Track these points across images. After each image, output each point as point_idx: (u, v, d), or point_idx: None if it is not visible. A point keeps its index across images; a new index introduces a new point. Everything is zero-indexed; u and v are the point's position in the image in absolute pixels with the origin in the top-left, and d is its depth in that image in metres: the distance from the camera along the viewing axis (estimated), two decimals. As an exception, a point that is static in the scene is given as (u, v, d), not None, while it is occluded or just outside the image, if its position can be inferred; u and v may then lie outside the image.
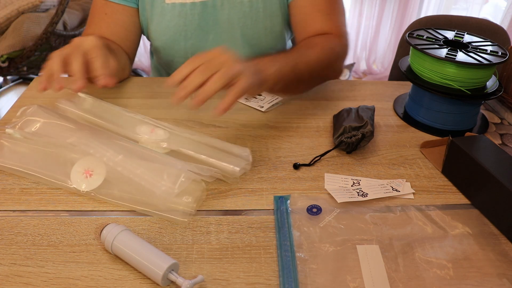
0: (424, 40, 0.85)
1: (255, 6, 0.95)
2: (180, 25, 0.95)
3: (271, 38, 1.01)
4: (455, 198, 0.68)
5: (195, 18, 0.95)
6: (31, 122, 0.72)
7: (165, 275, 0.50)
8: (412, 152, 0.78)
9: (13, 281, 0.51)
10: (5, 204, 0.62)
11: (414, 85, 0.86)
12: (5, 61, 1.76)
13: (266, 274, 0.53)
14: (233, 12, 0.95)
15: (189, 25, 0.95)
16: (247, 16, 0.96)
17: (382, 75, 2.95)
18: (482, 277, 0.54)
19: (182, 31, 0.96)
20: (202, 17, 0.95)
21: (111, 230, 0.54)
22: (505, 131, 0.87)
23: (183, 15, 0.94)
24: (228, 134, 0.80)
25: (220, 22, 0.96)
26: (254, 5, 0.95)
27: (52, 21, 1.76)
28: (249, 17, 0.96)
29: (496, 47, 0.85)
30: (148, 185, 0.62)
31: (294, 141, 0.79)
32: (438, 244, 0.58)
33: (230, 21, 0.96)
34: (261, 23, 0.97)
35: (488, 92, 0.81)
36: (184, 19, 0.95)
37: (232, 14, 0.95)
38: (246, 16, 0.96)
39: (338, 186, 0.68)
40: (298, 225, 0.60)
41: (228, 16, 0.96)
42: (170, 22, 0.95)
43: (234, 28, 0.97)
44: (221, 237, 0.58)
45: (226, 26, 0.97)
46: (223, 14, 0.95)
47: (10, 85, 2.60)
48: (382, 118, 0.88)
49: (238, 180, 0.68)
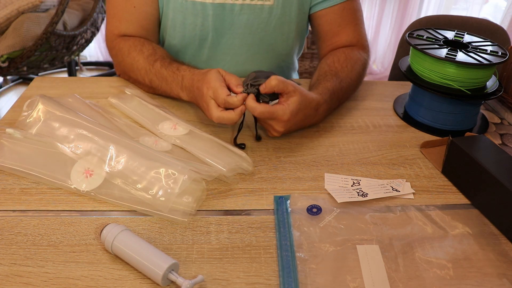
0: (424, 40, 0.85)
1: (275, 12, 0.95)
2: (197, 24, 0.94)
3: (286, 44, 1.02)
4: (455, 198, 0.68)
5: (212, 19, 0.94)
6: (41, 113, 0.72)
7: (165, 275, 0.50)
8: (412, 152, 0.78)
9: (13, 281, 0.51)
10: (5, 204, 0.62)
11: (414, 85, 0.86)
12: (5, 61, 1.76)
13: (266, 274, 0.53)
14: (253, 17, 0.95)
15: (205, 25, 0.95)
16: (267, 21, 0.96)
17: (382, 75, 2.95)
18: (482, 277, 0.54)
19: (198, 30, 0.95)
20: (219, 19, 0.94)
21: (111, 230, 0.54)
22: (505, 131, 0.87)
23: (201, 15, 0.93)
24: (228, 134, 0.80)
25: (236, 26, 0.96)
26: (274, 11, 0.95)
27: (52, 21, 1.76)
28: (269, 23, 0.96)
29: (496, 47, 0.85)
30: (149, 184, 0.62)
31: (294, 141, 0.79)
32: (438, 244, 0.58)
33: (249, 26, 0.96)
34: (279, 29, 0.98)
35: (488, 92, 0.81)
36: (201, 18, 0.94)
37: (251, 19, 0.95)
38: (266, 21, 0.96)
39: (338, 186, 0.68)
40: (298, 225, 0.60)
41: (247, 21, 0.95)
42: (187, 20, 0.94)
43: (252, 32, 0.97)
44: (221, 237, 0.58)
45: (243, 31, 0.96)
46: (242, 18, 0.95)
47: (10, 85, 2.60)
48: (382, 118, 0.88)
49: (238, 180, 0.68)
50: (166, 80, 0.85)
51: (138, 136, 0.75)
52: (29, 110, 0.73)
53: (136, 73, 0.90)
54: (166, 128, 0.77)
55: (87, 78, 1.05)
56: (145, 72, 0.88)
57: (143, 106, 0.84)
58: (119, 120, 0.79)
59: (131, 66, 0.90)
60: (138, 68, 0.89)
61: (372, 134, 0.83)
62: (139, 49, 0.90)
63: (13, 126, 0.72)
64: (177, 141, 0.74)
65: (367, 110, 0.91)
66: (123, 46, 0.91)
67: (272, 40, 0.99)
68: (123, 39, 0.93)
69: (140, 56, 0.89)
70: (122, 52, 0.91)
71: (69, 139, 0.68)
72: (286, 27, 0.98)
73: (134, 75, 0.91)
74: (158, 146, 0.73)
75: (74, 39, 1.99)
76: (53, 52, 1.91)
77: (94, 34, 2.16)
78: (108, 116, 0.79)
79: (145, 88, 0.91)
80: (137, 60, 0.89)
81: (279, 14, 0.95)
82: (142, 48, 0.90)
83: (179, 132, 0.76)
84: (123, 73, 0.95)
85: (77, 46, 2.07)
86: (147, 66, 0.87)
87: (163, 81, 0.86)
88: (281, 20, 0.97)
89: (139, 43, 0.91)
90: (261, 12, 0.94)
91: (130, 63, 0.90)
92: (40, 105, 0.73)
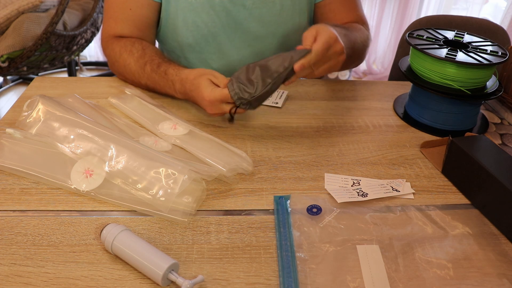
0: (424, 40, 0.85)
1: (286, 4, 0.96)
2: (209, 22, 0.95)
3: (298, 35, 1.01)
4: (455, 198, 0.68)
5: (224, 15, 0.94)
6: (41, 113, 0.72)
7: (165, 275, 0.50)
8: (412, 152, 0.78)
9: (13, 281, 0.51)
10: (5, 204, 0.62)
11: (414, 85, 0.86)
12: (5, 61, 1.76)
13: (266, 274, 0.53)
14: (265, 11, 0.96)
15: (217, 22, 0.95)
16: (279, 14, 0.97)
17: (382, 75, 2.95)
18: (482, 277, 0.54)
19: (211, 28, 0.96)
20: (231, 15, 0.95)
21: (111, 230, 0.54)
22: (505, 131, 0.87)
23: (212, 12, 0.94)
24: (228, 134, 0.80)
25: (249, 21, 0.96)
26: (285, 3, 0.96)
27: (52, 21, 1.76)
28: (281, 15, 0.97)
29: (496, 47, 0.85)
30: (149, 184, 0.62)
31: (294, 141, 0.79)
32: (438, 244, 0.58)
33: (261, 20, 0.97)
34: (290, 20, 0.99)
35: (488, 92, 0.81)
36: (213, 16, 0.94)
37: (264, 12, 0.96)
38: (278, 14, 0.97)
39: (338, 186, 0.68)
40: (298, 225, 0.60)
41: (260, 15, 0.96)
42: (198, 18, 0.94)
43: (265, 26, 0.98)
44: (221, 237, 0.58)
45: (256, 25, 0.97)
46: (254, 13, 0.95)
47: (10, 85, 2.60)
48: (382, 118, 0.88)
49: (238, 180, 0.68)
50: (159, 84, 0.87)
51: (138, 136, 0.75)
52: (29, 110, 0.73)
53: (131, 76, 0.91)
54: (166, 128, 0.77)
55: (87, 78, 1.04)
56: (139, 76, 0.89)
57: (143, 106, 0.84)
58: (119, 120, 0.79)
59: (124, 68, 0.91)
60: (131, 71, 0.90)
61: (372, 134, 0.83)
62: (129, 50, 0.90)
63: (13, 126, 0.72)
64: (177, 141, 0.74)
65: (367, 110, 0.91)
66: (115, 46, 0.92)
67: (285, 31, 1.00)
68: (116, 40, 0.93)
69: (131, 59, 0.89)
70: (114, 53, 0.92)
71: (69, 139, 0.68)
72: (297, 18, 0.99)
73: (129, 77, 0.92)
74: (158, 146, 0.73)
75: (74, 39, 1.99)
76: (53, 52, 1.91)
77: (94, 34, 2.16)
78: (108, 116, 0.79)
79: (144, 89, 0.92)
80: (128, 63, 0.90)
81: (290, 5, 0.96)
82: (132, 48, 0.90)
83: (179, 132, 0.76)
84: (118, 74, 0.96)
85: (77, 46, 2.07)
86: (139, 70, 0.88)
87: (157, 85, 0.88)
88: (293, 11, 0.98)
89: (129, 43, 0.91)
90: (273, 6, 0.95)
91: (123, 65, 0.91)
92: (40, 105, 0.73)
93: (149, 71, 0.87)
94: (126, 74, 0.92)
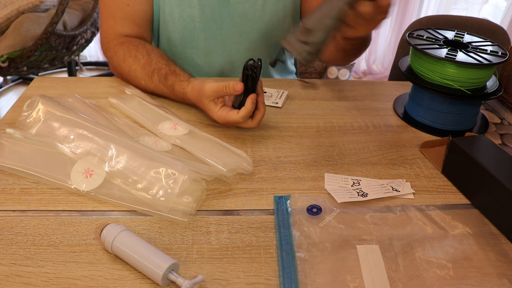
0: (424, 40, 0.85)
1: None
2: (195, 16, 0.95)
3: (283, 29, 1.03)
4: (455, 198, 0.68)
5: (209, 10, 0.95)
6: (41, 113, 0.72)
7: (165, 275, 0.50)
8: (412, 152, 0.78)
9: (13, 281, 0.51)
10: (5, 204, 0.62)
11: (414, 85, 0.86)
12: (5, 61, 1.76)
13: (266, 274, 0.53)
14: (249, 6, 0.96)
15: (203, 17, 0.95)
16: (262, 9, 0.97)
17: (382, 75, 2.95)
18: (482, 277, 0.54)
19: (197, 22, 0.96)
20: (216, 9, 0.95)
21: (111, 230, 0.54)
22: (505, 131, 0.87)
23: (197, 6, 0.94)
24: (228, 134, 0.80)
25: (234, 16, 0.97)
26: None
27: (52, 21, 1.76)
28: (265, 11, 0.97)
29: (496, 47, 0.85)
30: (149, 184, 0.62)
31: (294, 141, 0.79)
32: (438, 244, 0.58)
33: (245, 15, 0.97)
34: (275, 15, 0.99)
35: (488, 92, 0.81)
36: (198, 10, 0.94)
37: (247, 7, 0.96)
38: (261, 9, 0.97)
39: (338, 186, 0.68)
40: (298, 225, 0.60)
41: (244, 10, 0.96)
42: (184, 12, 0.95)
43: (249, 22, 0.98)
44: (221, 237, 0.58)
45: (241, 20, 0.97)
46: (238, 8, 0.96)
47: (10, 85, 2.60)
48: (382, 118, 0.88)
49: (238, 180, 0.68)
50: (168, 95, 0.87)
51: (138, 136, 0.75)
52: (29, 110, 0.73)
53: (136, 82, 0.90)
54: (166, 128, 0.77)
55: (87, 78, 1.04)
56: (145, 84, 0.89)
57: (143, 106, 0.84)
58: (119, 120, 0.79)
59: (129, 73, 0.90)
60: (137, 77, 0.89)
61: (372, 134, 0.83)
62: (134, 55, 0.89)
63: (13, 126, 0.72)
64: (177, 141, 0.74)
65: (367, 110, 0.91)
66: (118, 50, 0.92)
67: (269, 26, 1.00)
68: (119, 43, 0.92)
69: (136, 65, 0.88)
70: (117, 56, 0.92)
71: (69, 139, 0.68)
72: (281, 12, 0.99)
73: (134, 83, 0.91)
74: (158, 146, 0.73)
75: (74, 39, 1.99)
76: (53, 52, 1.91)
77: (94, 34, 2.16)
78: (108, 116, 0.79)
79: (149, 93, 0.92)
80: (134, 69, 0.89)
81: (273, 0, 0.97)
82: (137, 54, 0.89)
83: (179, 132, 0.76)
84: (120, 75, 0.95)
85: (77, 46, 2.07)
86: (146, 78, 0.88)
87: (165, 94, 0.88)
88: (276, 6, 0.98)
89: (133, 48, 0.90)
90: (255, 1, 0.96)
91: (128, 71, 0.90)
92: (40, 105, 0.73)
93: (157, 82, 0.87)
94: (131, 79, 0.91)
